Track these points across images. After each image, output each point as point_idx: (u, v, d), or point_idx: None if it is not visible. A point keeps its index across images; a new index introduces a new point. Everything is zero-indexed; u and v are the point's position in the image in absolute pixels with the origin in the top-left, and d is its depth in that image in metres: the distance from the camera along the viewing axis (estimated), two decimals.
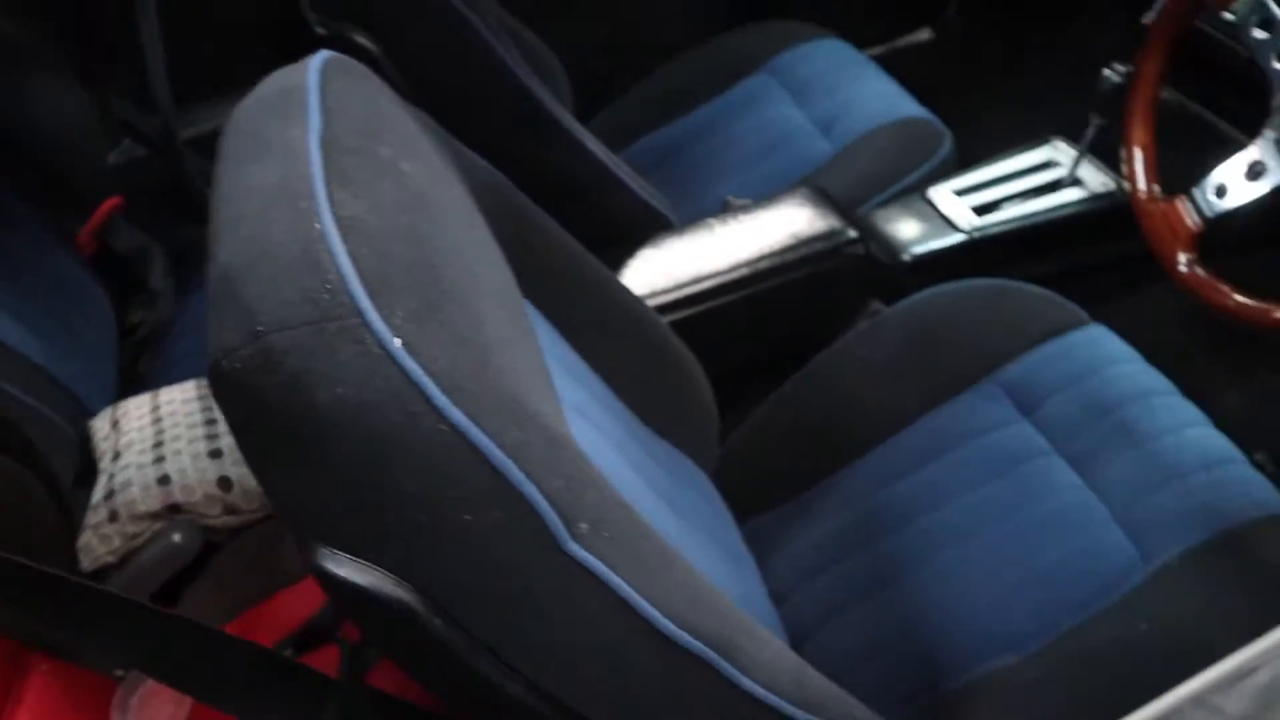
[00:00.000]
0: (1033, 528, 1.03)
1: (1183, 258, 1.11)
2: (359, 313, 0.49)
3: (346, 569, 0.53)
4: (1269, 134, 1.05)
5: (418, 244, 0.56)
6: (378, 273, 0.51)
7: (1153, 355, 1.15)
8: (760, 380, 1.23)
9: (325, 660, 0.83)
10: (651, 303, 1.17)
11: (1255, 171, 1.06)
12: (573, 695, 0.59)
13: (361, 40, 1.12)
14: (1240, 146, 1.08)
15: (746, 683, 0.61)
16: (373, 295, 0.50)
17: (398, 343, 0.50)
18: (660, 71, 1.77)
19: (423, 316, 0.52)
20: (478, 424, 0.50)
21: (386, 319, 0.50)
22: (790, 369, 1.21)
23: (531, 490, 0.51)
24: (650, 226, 1.27)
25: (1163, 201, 1.14)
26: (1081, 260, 1.43)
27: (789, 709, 0.65)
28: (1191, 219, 1.10)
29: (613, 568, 0.54)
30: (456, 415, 0.50)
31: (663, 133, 1.70)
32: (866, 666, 0.99)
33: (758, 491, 1.15)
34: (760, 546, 1.11)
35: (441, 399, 0.50)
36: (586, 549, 0.53)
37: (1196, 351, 1.47)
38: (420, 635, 0.54)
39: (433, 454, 0.50)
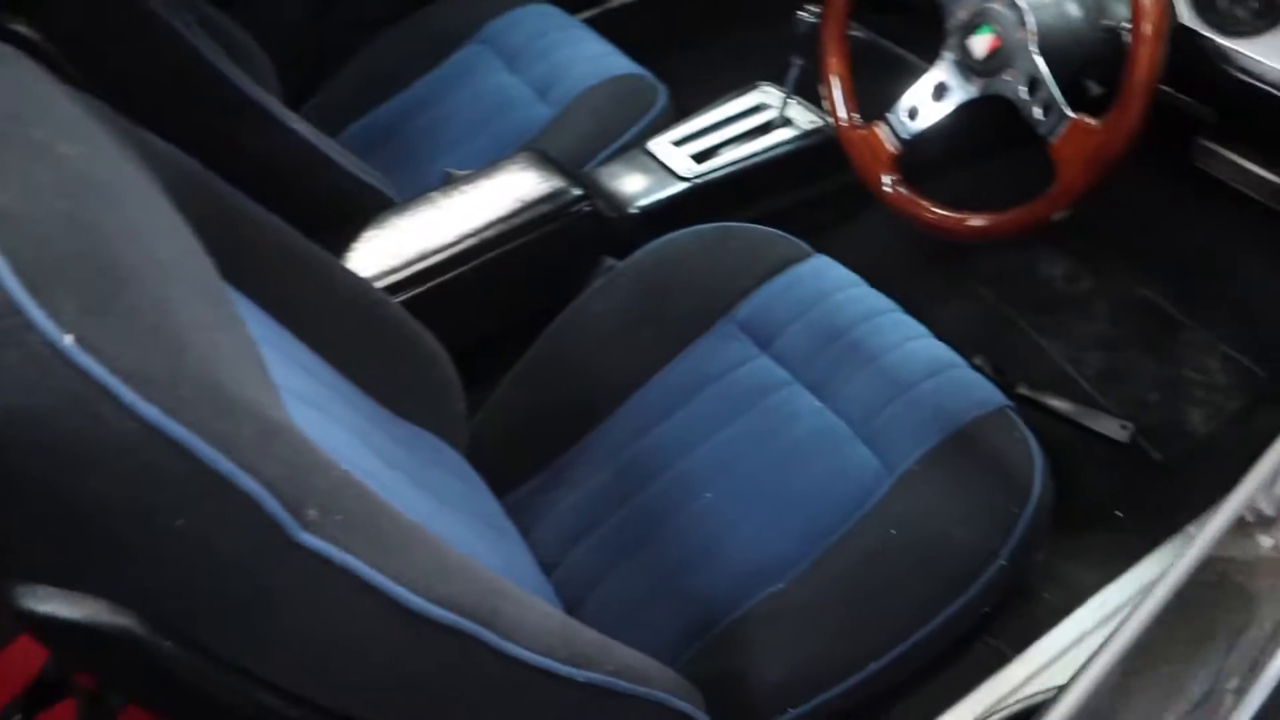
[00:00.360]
0: (783, 457, 1.06)
1: (886, 179, 1.17)
2: (18, 311, 0.44)
3: (52, 604, 0.48)
4: (947, 55, 1.11)
5: (84, 230, 0.50)
6: (37, 264, 0.46)
7: (874, 278, 1.20)
8: (506, 351, 1.21)
9: (66, 715, 0.76)
10: (381, 283, 1.12)
11: (940, 92, 1.12)
12: (335, 695, 0.56)
13: (21, 30, 1.02)
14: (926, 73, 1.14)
15: (511, 648, 0.60)
16: (33, 290, 0.45)
17: (69, 339, 0.44)
18: (370, 50, 1.71)
19: (98, 308, 0.47)
20: (175, 417, 0.46)
21: (54, 315, 0.45)
22: (535, 336, 1.19)
23: (247, 481, 0.47)
24: (371, 206, 1.22)
25: (863, 128, 1.20)
26: (801, 196, 1.48)
27: (560, 668, 0.64)
28: (890, 142, 1.16)
29: (349, 551, 0.51)
30: (149, 411, 0.45)
31: (379, 112, 1.64)
32: (644, 617, 0.99)
33: (512, 464, 1.13)
34: (523, 519, 1.09)
35: (129, 395, 0.45)
36: (319, 536, 0.50)
37: (913, 270, 1.55)
38: (153, 664, 0.49)
39: (128, 457, 0.45)
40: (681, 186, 1.39)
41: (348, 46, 1.72)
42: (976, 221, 1.10)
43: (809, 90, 1.46)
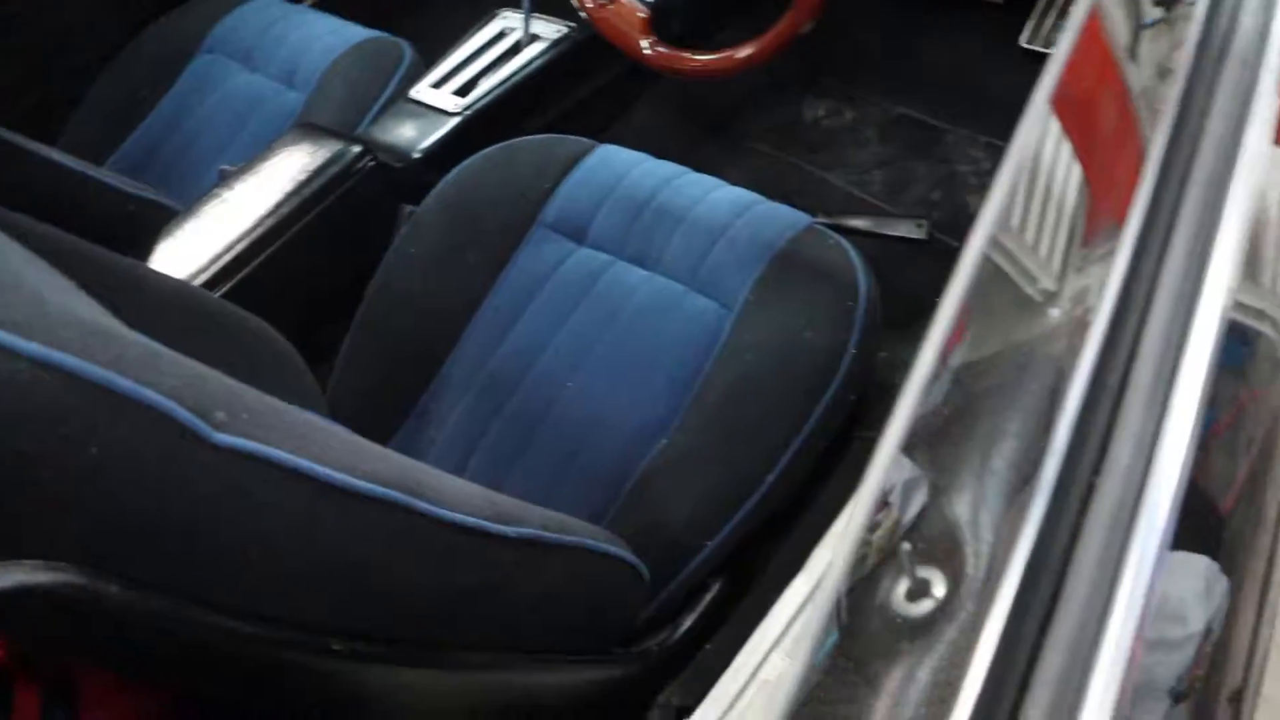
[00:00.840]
0: (629, 329, 1.11)
1: (644, 44, 1.22)
2: None
3: None
4: None
5: None
6: None
7: (660, 153, 1.26)
8: (341, 321, 1.21)
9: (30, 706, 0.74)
10: (196, 282, 1.11)
11: None
12: (285, 600, 0.57)
13: None
14: None
15: (443, 513, 0.62)
16: None
17: None
18: (97, 89, 1.65)
19: None
20: (61, 349, 0.46)
21: None
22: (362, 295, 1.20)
23: (149, 394, 0.48)
24: (157, 220, 1.20)
25: (609, 4, 1.24)
26: (571, 100, 1.52)
27: (492, 526, 0.67)
28: (639, 9, 1.21)
29: (268, 444, 0.53)
30: (31, 348, 0.46)
31: (129, 144, 1.59)
32: (550, 506, 1.03)
33: (377, 421, 1.14)
34: None
35: (8, 338, 0.45)
36: (233, 434, 0.51)
37: (692, 143, 1.62)
38: (101, 616, 0.50)
39: (24, 399, 0.45)
40: (455, 121, 1.41)
41: (72, 92, 1.65)
42: (742, 52, 1.16)
43: (547, 4, 1.50)
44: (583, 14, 1.34)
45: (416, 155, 1.37)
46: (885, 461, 0.47)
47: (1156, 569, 0.44)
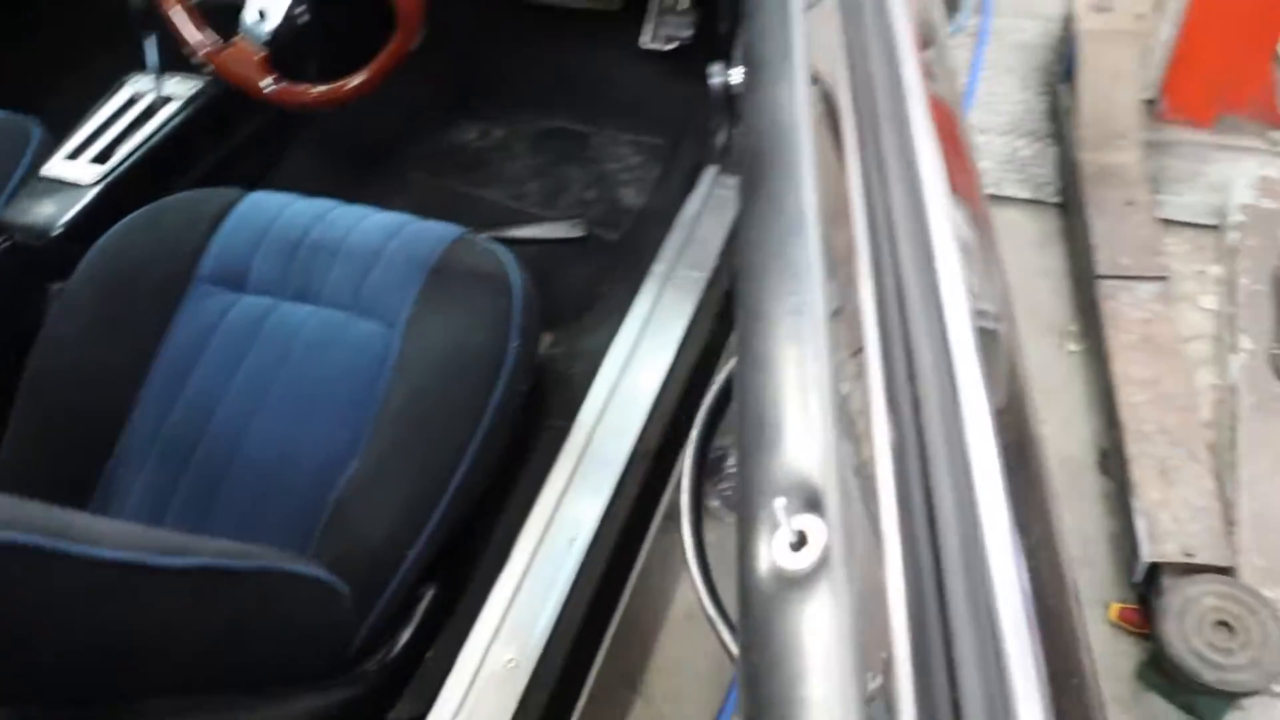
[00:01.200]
0: (301, 366, 1.13)
1: (266, 82, 1.24)
2: None
3: None
4: None
5: None
6: None
7: (320, 195, 1.27)
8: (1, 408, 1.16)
9: None
10: None
11: None
12: None
13: None
14: None
15: (97, 551, 0.62)
16: None
17: None
18: None
19: None
20: None
21: None
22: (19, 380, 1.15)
23: None
24: None
25: (225, 47, 1.25)
26: (218, 154, 1.51)
27: (156, 559, 0.67)
28: (255, 50, 1.23)
29: None
30: None
31: None
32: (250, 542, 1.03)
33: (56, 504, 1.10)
34: None
35: None
36: None
37: (349, 182, 1.64)
38: None
39: None
40: (95, 191, 1.37)
41: None
42: (355, 80, 1.20)
43: (179, 63, 1.49)
44: (206, 67, 1.33)
45: (58, 231, 1.33)
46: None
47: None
